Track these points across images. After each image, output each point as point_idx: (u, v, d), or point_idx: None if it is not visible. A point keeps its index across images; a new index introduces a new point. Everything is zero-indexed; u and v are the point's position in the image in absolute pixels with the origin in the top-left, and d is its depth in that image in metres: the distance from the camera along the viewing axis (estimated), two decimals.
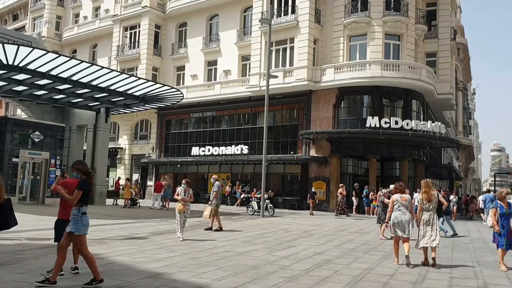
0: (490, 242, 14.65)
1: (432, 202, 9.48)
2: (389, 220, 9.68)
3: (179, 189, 13.00)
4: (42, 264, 7.82)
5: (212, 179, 15.79)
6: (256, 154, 30.74)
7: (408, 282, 7.58)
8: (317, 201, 26.59)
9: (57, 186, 7.06)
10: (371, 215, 24.48)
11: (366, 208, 26.60)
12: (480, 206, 26.74)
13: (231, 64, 35.27)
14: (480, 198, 27.20)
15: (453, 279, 8.07)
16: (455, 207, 24.99)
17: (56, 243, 7.18)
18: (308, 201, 26.40)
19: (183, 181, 13.22)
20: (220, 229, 14.82)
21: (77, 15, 49.30)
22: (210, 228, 14.85)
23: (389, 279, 7.88)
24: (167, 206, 26.46)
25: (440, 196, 12.22)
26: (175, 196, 13.04)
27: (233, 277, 7.49)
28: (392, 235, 9.83)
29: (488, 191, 28.35)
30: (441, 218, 15.12)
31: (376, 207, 21.04)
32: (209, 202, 15.13)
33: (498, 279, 8.20)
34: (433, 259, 9.22)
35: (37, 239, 11.19)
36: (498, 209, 9.01)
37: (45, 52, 19.18)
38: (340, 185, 24.95)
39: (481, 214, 25.86)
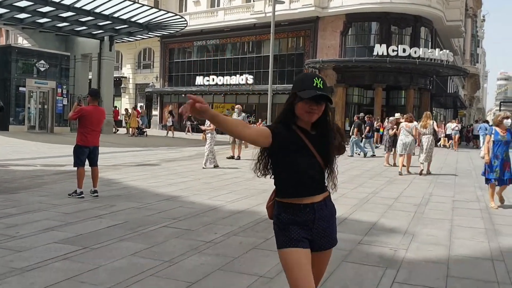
0: None
1: (428, 129, 12.57)
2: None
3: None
4: (62, 188, 8.17)
5: (236, 109, 15.32)
6: (261, 84, 30.61)
7: (412, 205, 7.93)
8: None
9: (74, 114, 7.30)
10: (377, 143, 24.88)
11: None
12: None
13: None
14: (475, 126, 27.69)
15: (456, 202, 8.42)
16: (457, 136, 25.12)
17: (76, 168, 7.49)
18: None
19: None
20: (238, 157, 14.89)
21: None
22: (232, 157, 14.90)
23: (394, 201, 8.23)
24: (172, 134, 26.99)
25: (435, 124, 14.01)
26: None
27: (245, 199, 7.85)
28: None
29: (485, 121, 28.56)
30: (364, 140, 18.35)
31: (382, 134, 21.40)
32: None
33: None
34: (423, 172, 12.54)
35: (52, 165, 11.55)
36: (492, 135, 7.78)
37: None
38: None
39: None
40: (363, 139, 18.54)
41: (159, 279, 3.90)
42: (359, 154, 18.15)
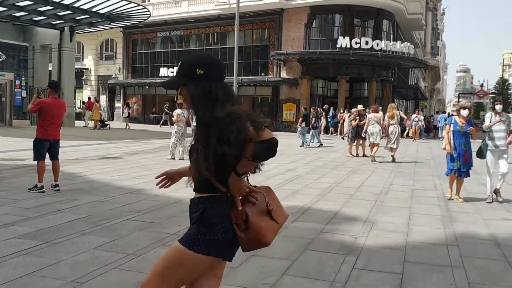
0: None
1: (394, 118, 13.69)
2: (365, 132, 14.11)
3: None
4: (22, 182, 7.97)
5: None
6: (226, 76, 30.41)
7: (373, 194, 8.16)
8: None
9: (34, 106, 7.13)
10: (338, 134, 25.35)
11: (332, 128, 27.43)
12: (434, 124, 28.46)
13: None
14: (435, 116, 28.71)
15: (415, 190, 8.71)
16: (416, 126, 25.84)
17: (36, 161, 7.32)
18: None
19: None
20: None
21: None
22: None
23: (356, 191, 8.45)
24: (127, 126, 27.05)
25: (401, 113, 16.24)
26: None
27: None
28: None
29: (444, 112, 29.54)
30: (311, 131, 19.14)
31: (342, 125, 22.14)
32: None
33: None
34: (392, 156, 13.75)
35: (11, 159, 11.23)
36: (451, 126, 7.64)
37: None
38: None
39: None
40: (310, 130, 19.17)
41: (123, 272, 3.90)
42: (308, 145, 18.83)
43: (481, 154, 7.75)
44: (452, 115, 9.38)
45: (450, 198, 7.76)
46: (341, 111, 25.97)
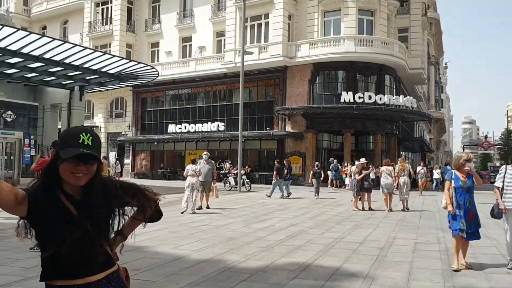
0: None
1: (405, 171, 15.19)
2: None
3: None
4: (24, 242, 7.99)
5: (204, 155, 15.04)
6: (233, 130, 30.97)
7: (376, 248, 8.07)
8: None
9: (37, 166, 7.31)
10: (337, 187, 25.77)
11: (334, 181, 27.36)
12: (435, 177, 28.30)
13: (206, 40, 35.11)
14: (437, 171, 28.61)
15: (418, 244, 8.61)
16: (423, 179, 24.86)
17: None
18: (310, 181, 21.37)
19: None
20: (207, 207, 14.55)
21: None
22: (200, 207, 14.21)
23: (359, 246, 8.37)
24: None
25: (410, 167, 16.68)
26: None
27: (211, 248, 7.85)
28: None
29: (446, 164, 29.45)
30: (286, 182, 19.84)
31: (344, 180, 22.57)
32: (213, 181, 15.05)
33: None
34: (405, 206, 14.93)
35: (15, 218, 11.27)
36: (452, 181, 6.63)
37: (15, 29, 18.80)
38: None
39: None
40: (284, 181, 19.85)
41: None
42: (286, 196, 19.42)
43: (495, 213, 6.75)
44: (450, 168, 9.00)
45: (456, 270, 6.39)
46: (346, 164, 26.00)
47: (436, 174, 28.76)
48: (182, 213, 12.87)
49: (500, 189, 6.73)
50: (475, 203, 6.70)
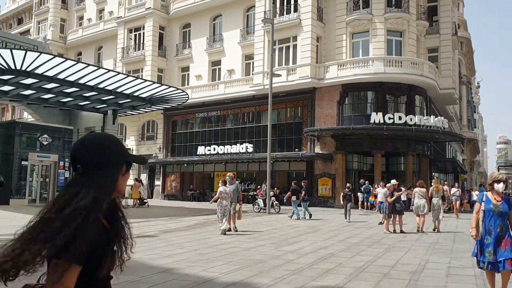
0: None
1: (439, 192, 15.48)
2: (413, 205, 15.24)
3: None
4: None
5: (228, 177, 14.94)
6: (261, 152, 31.05)
7: (408, 272, 7.90)
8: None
9: None
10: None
11: (365, 203, 26.91)
12: (474, 199, 27.27)
13: (235, 63, 35.63)
14: (476, 192, 27.57)
15: (451, 268, 8.39)
16: (458, 202, 23.70)
17: None
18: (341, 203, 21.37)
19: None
20: (235, 229, 14.50)
21: (81, 18, 49.81)
22: (230, 229, 14.07)
23: (390, 269, 8.20)
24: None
25: (445, 188, 17.63)
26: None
27: (240, 270, 7.84)
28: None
29: (481, 185, 28.44)
30: (304, 204, 19.99)
31: (372, 203, 22.37)
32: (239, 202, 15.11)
33: None
34: (437, 227, 15.15)
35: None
36: (483, 203, 5.98)
37: (52, 56, 19.63)
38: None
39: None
40: (302, 202, 20.13)
41: None
42: (300, 218, 19.46)
43: None
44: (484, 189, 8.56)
45: None
46: (376, 186, 25.59)
47: (475, 196, 27.75)
48: (225, 233, 13.19)
49: None
50: (509, 230, 5.77)
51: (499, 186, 5.94)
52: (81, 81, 22.02)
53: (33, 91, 23.10)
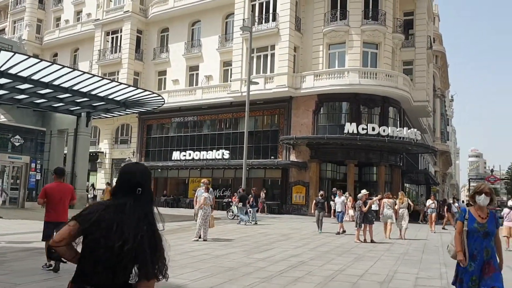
0: None
1: (403, 203, 17.04)
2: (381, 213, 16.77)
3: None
4: (24, 266, 8.04)
5: (202, 184, 15.05)
6: (237, 159, 31.09)
7: (376, 282, 8.03)
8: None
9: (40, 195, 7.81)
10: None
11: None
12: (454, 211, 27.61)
13: (213, 69, 35.65)
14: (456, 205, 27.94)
15: (419, 279, 8.56)
16: (434, 214, 22.17)
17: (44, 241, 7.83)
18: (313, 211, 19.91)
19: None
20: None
21: (58, 19, 49.10)
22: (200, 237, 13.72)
23: (359, 279, 8.32)
24: None
25: (409, 200, 18.35)
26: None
27: (210, 278, 7.84)
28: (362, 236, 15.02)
29: (454, 197, 28.90)
30: (252, 210, 21.41)
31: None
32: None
33: None
34: (402, 236, 16.31)
35: (18, 242, 11.35)
36: (465, 221, 4.94)
37: (26, 57, 19.30)
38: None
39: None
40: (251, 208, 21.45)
41: None
42: (246, 223, 20.33)
43: None
44: (468, 203, 7.48)
45: None
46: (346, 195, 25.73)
47: (455, 208, 28.13)
48: (197, 240, 13.23)
49: None
50: (495, 253, 4.91)
51: (481, 199, 4.93)
52: (56, 83, 21.66)
53: (6, 92, 22.60)
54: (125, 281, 2.34)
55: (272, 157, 31.07)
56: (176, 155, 35.31)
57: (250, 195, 22.13)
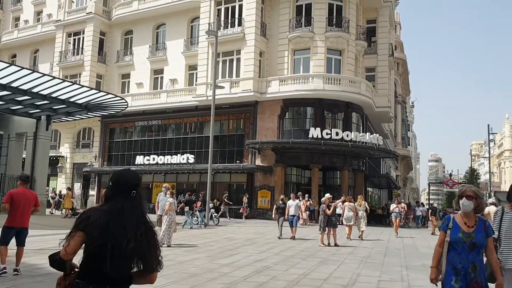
0: (421, 247, 15.72)
1: (361, 206, 18.55)
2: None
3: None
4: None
5: (164, 188, 15.00)
6: (203, 163, 30.90)
7: (340, 286, 8.12)
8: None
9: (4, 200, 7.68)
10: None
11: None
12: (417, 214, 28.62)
13: (178, 73, 35.35)
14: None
15: (381, 282, 8.71)
16: (398, 219, 21.70)
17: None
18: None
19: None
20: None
21: (17, 19, 47.63)
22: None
23: (323, 283, 8.40)
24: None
25: (366, 204, 20.08)
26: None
27: (173, 284, 7.73)
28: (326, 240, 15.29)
29: (417, 202, 30.00)
30: (201, 213, 22.59)
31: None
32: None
33: (421, 281, 8.89)
34: (360, 236, 17.78)
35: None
36: (448, 231, 4.23)
37: None
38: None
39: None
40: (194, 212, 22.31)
41: None
42: (191, 227, 20.97)
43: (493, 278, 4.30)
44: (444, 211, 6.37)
45: None
46: (305, 199, 26.01)
47: (419, 211, 29.54)
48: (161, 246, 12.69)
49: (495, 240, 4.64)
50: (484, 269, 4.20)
51: (465, 204, 4.21)
52: (14, 85, 20.94)
53: None
54: (128, 274, 2.71)
55: (237, 161, 31.04)
56: (139, 159, 34.78)
57: (198, 200, 23.60)
